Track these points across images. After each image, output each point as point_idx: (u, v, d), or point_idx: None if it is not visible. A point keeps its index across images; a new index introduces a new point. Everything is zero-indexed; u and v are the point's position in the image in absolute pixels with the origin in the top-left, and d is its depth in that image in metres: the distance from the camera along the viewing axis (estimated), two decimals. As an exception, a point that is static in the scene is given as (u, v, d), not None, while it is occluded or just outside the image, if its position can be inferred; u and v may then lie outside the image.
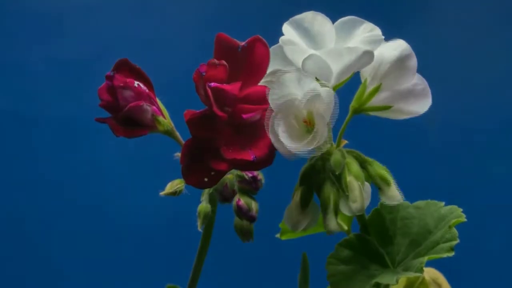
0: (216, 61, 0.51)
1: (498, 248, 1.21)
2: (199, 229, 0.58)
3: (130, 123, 0.55)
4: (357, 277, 0.52)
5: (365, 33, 0.51)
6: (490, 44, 1.31)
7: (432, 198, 0.58)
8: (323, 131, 0.48)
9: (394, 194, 0.51)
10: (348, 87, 0.53)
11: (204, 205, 0.58)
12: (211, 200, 0.59)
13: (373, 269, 0.53)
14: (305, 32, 0.51)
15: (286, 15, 0.53)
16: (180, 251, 0.96)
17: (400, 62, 0.52)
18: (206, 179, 0.51)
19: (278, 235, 0.66)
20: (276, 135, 0.48)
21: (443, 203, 0.55)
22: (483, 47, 1.31)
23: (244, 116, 0.50)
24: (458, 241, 0.52)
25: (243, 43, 0.52)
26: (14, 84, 1.29)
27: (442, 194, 0.59)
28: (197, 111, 0.51)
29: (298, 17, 0.52)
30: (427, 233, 0.54)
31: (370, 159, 0.53)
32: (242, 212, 0.58)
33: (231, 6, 1.32)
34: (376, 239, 0.54)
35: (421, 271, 0.51)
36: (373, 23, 0.52)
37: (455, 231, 0.52)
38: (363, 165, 0.52)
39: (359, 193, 0.50)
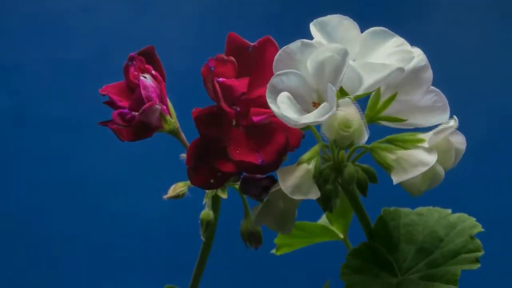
0: (224, 56, 0.51)
1: (499, 252, 1.21)
2: (202, 238, 0.57)
3: (138, 125, 0.54)
4: (375, 287, 0.52)
5: (394, 47, 0.50)
6: (490, 44, 1.31)
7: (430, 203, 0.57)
8: (332, 99, 0.45)
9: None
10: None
11: (206, 212, 0.57)
12: (214, 204, 0.59)
13: (384, 277, 0.52)
14: (328, 35, 0.50)
15: (286, 16, 0.52)
16: (181, 252, 0.96)
17: (415, 73, 0.50)
18: (212, 181, 0.51)
19: (273, 251, 0.66)
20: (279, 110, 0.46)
21: (449, 211, 0.55)
22: (483, 46, 1.31)
23: (255, 119, 0.50)
24: (483, 252, 0.51)
25: (254, 43, 0.53)
26: (14, 84, 1.29)
27: (439, 199, 0.58)
28: (205, 108, 0.51)
29: (322, 19, 0.50)
30: (437, 241, 0.53)
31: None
32: (254, 180, 0.54)
33: (231, 6, 1.32)
34: (382, 246, 0.54)
35: (456, 283, 0.50)
36: (373, 22, 0.51)
37: (478, 242, 0.51)
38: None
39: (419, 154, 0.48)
